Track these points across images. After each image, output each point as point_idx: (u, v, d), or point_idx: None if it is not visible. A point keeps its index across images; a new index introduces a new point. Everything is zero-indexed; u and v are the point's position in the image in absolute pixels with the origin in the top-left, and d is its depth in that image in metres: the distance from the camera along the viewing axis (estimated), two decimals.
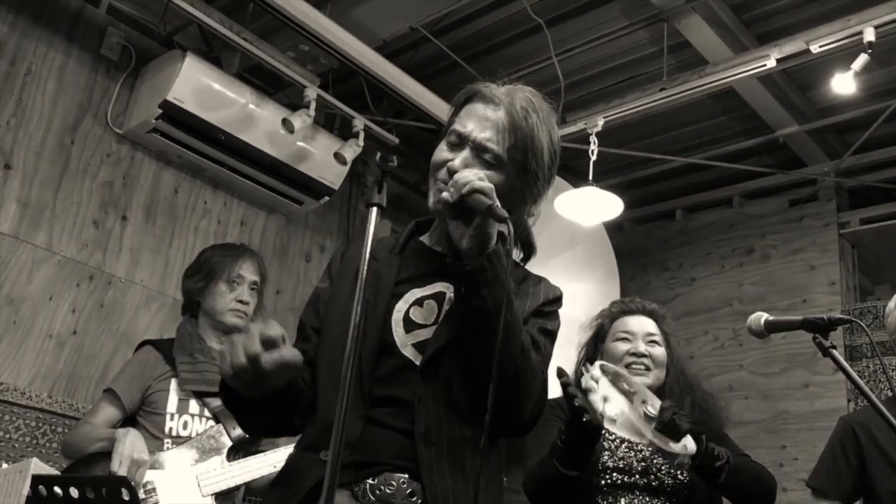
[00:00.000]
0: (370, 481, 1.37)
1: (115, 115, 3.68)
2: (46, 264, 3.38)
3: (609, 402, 1.78)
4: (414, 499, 1.36)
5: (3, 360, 3.19)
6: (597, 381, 1.80)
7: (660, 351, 2.29)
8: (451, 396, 1.42)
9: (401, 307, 1.49)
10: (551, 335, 1.58)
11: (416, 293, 1.51)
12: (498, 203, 1.36)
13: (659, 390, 2.22)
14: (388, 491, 1.36)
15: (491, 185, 1.38)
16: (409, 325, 1.48)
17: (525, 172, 1.52)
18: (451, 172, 1.44)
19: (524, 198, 1.55)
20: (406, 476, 1.37)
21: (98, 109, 3.65)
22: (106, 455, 2.42)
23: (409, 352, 1.45)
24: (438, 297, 1.51)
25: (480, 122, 1.51)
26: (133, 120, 3.65)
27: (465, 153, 1.49)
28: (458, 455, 1.40)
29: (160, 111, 3.50)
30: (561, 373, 1.84)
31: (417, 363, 1.44)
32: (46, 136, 3.46)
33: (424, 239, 1.64)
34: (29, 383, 3.24)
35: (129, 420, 2.61)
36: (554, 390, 1.93)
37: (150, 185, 3.80)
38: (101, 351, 3.49)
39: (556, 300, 1.61)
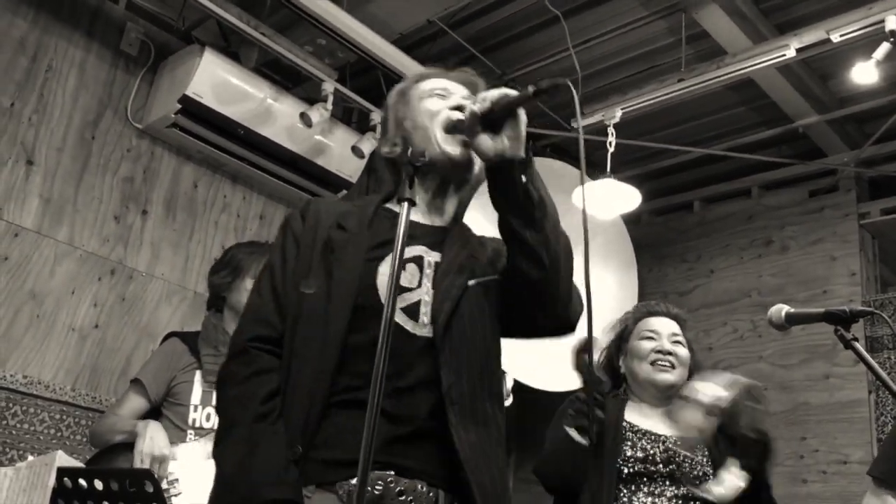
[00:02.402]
0: (353, 482, 1.24)
1: (134, 110, 3.71)
2: (68, 259, 3.42)
3: None
4: (402, 497, 1.30)
5: (27, 353, 3.23)
6: None
7: (684, 351, 2.31)
8: (471, 354, 1.43)
9: (384, 270, 1.45)
10: None
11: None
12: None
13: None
14: (375, 493, 1.29)
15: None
16: (398, 289, 1.43)
17: None
18: (461, 107, 1.52)
19: None
20: (392, 473, 1.31)
21: (118, 105, 3.68)
22: (128, 446, 2.45)
23: (398, 317, 1.40)
24: (418, 261, 1.50)
25: (455, 84, 1.64)
26: (153, 115, 3.67)
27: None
28: (471, 406, 1.40)
29: (179, 106, 3.52)
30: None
31: (408, 328, 1.41)
32: (68, 131, 3.50)
33: (394, 208, 1.59)
34: (53, 376, 3.28)
35: (155, 410, 2.64)
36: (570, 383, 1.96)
37: (170, 179, 3.83)
38: (122, 344, 3.52)
39: None
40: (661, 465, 2.12)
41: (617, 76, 4.19)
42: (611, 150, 3.82)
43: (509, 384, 3.35)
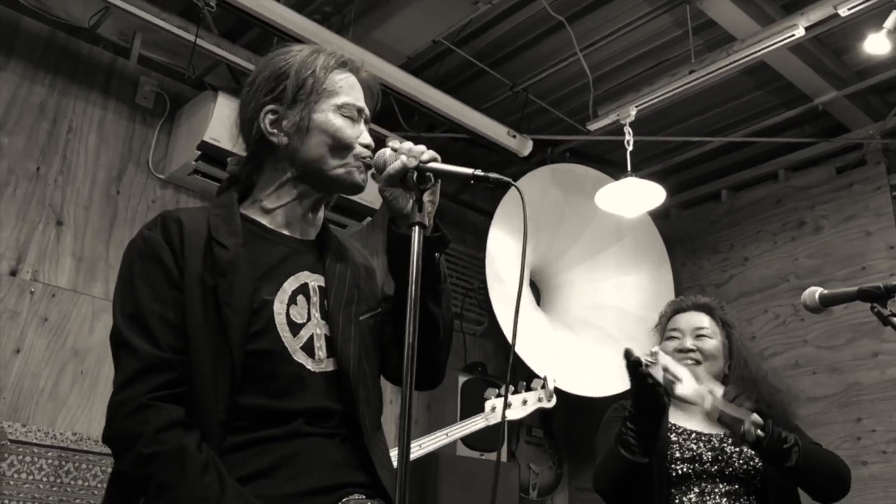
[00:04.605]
0: None
1: (156, 161, 3.78)
2: (106, 314, 3.47)
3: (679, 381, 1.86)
4: None
5: (75, 410, 3.29)
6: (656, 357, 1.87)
7: (711, 344, 2.25)
8: (368, 389, 1.45)
9: (279, 309, 1.39)
10: None
11: (287, 289, 1.42)
12: None
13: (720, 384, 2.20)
14: None
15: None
16: (294, 327, 1.39)
17: None
18: (373, 150, 1.50)
19: None
20: (363, 497, 1.33)
21: (139, 158, 3.75)
22: None
23: (300, 357, 1.38)
24: (304, 290, 1.45)
25: (363, 94, 1.56)
26: (174, 164, 3.73)
27: (364, 128, 1.53)
28: (380, 439, 1.45)
29: (199, 152, 3.57)
30: (629, 353, 1.89)
31: (309, 367, 1.38)
32: (93, 189, 3.57)
33: (261, 220, 1.51)
34: (101, 430, 3.31)
35: None
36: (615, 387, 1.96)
37: None
38: None
39: None
40: (709, 465, 2.09)
41: (628, 75, 4.18)
42: (629, 148, 3.80)
43: (551, 386, 3.34)
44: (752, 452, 2.09)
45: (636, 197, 3.93)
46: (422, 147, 1.42)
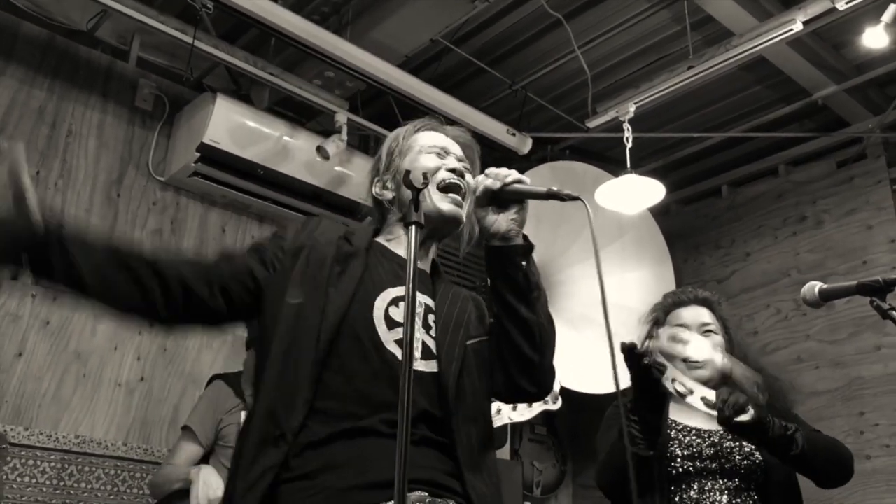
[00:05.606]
0: None
1: (156, 163, 3.78)
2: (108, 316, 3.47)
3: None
4: None
5: (77, 413, 3.29)
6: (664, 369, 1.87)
7: (717, 340, 2.24)
8: (465, 403, 1.50)
9: (380, 305, 1.52)
10: None
11: (391, 293, 1.54)
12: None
13: (722, 378, 2.19)
14: None
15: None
16: (390, 322, 1.50)
17: None
18: (460, 174, 1.63)
19: None
20: (426, 495, 1.36)
21: (139, 160, 3.75)
22: (184, 494, 2.48)
23: (393, 348, 1.47)
24: None
25: (450, 143, 1.72)
26: (174, 166, 3.74)
27: (453, 159, 1.68)
28: (478, 457, 1.49)
29: (198, 154, 3.58)
30: (632, 346, 1.91)
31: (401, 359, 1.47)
32: (93, 192, 3.57)
33: (387, 244, 1.69)
34: (104, 433, 3.33)
35: (210, 455, 2.67)
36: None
37: (197, 227, 3.88)
38: (169, 394, 3.57)
39: None
40: (709, 461, 2.08)
41: (626, 71, 4.17)
42: (629, 145, 3.79)
43: (556, 387, 3.36)
44: (753, 447, 2.09)
45: (636, 193, 3.92)
46: (507, 171, 1.55)
